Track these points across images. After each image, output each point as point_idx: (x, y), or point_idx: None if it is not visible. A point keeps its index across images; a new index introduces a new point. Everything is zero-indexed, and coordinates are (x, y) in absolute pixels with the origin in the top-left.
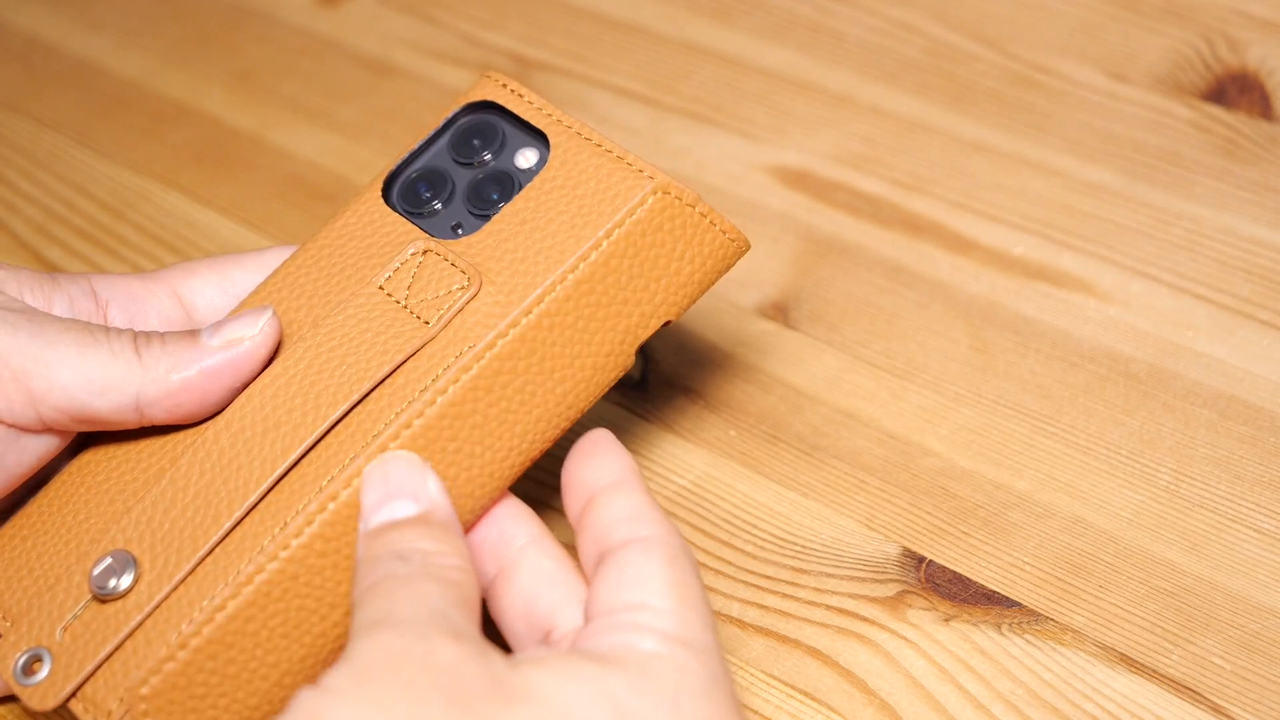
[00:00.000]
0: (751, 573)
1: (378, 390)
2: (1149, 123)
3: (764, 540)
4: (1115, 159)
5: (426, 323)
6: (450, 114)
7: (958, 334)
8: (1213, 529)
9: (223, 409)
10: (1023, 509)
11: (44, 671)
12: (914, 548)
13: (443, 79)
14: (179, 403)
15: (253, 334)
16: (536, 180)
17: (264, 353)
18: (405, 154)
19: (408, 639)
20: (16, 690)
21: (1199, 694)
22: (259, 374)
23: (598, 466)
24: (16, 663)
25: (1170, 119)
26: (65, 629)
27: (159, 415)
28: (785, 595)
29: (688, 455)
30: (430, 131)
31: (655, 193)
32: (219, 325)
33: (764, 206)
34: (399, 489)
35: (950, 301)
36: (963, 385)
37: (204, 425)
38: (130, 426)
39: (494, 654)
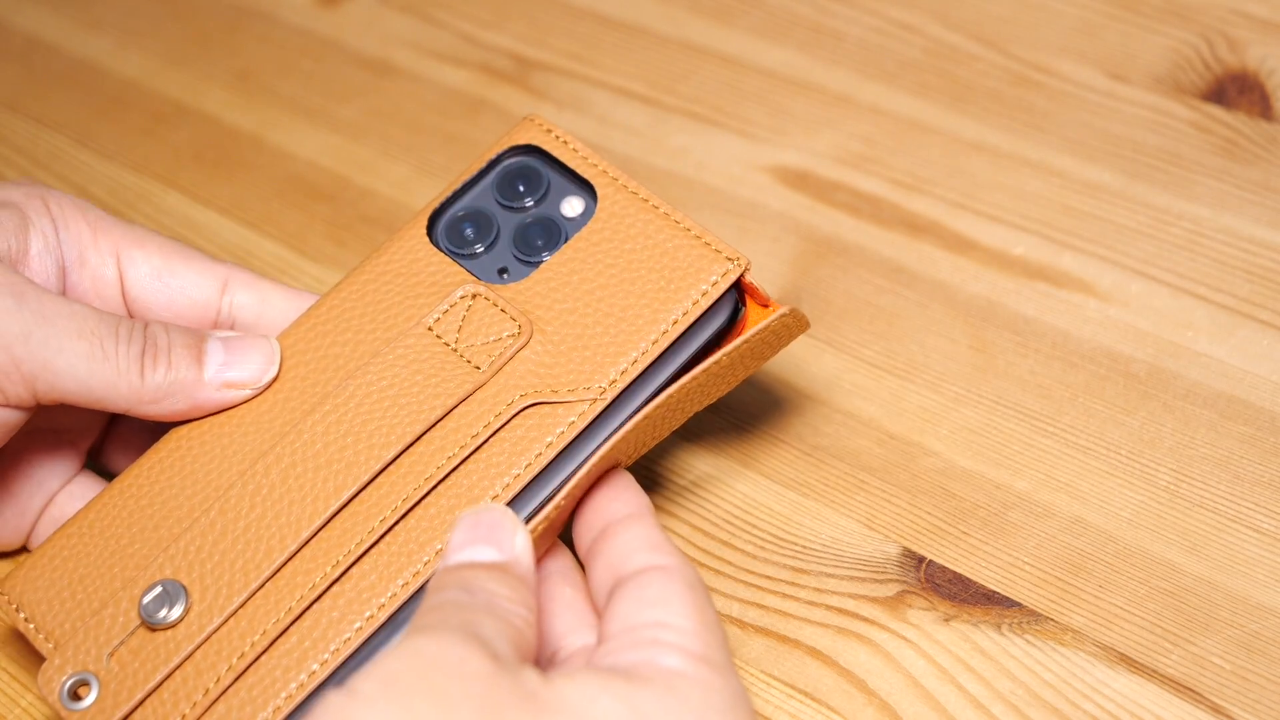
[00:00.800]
0: (751, 573)
1: (429, 433)
2: (1149, 123)
3: (764, 540)
4: (1115, 159)
5: (478, 368)
6: (494, 155)
7: (958, 334)
8: (1213, 529)
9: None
10: (1023, 509)
11: (91, 697)
12: (914, 548)
13: (443, 79)
14: (164, 419)
15: (255, 384)
16: (585, 231)
17: (254, 398)
18: (449, 192)
19: (442, 646)
20: (63, 714)
21: (1199, 694)
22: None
23: (613, 499)
24: (63, 686)
25: (1170, 119)
26: (112, 655)
27: (143, 419)
28: (785, 595)
29: (688, 455)
30: (473, 171)
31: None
32: (228, 357)
33: (764, 206)
34: (486, 536)
35: (950, 301)
36: (963, 385)
37: (254, 456)
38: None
39: (527, 670)
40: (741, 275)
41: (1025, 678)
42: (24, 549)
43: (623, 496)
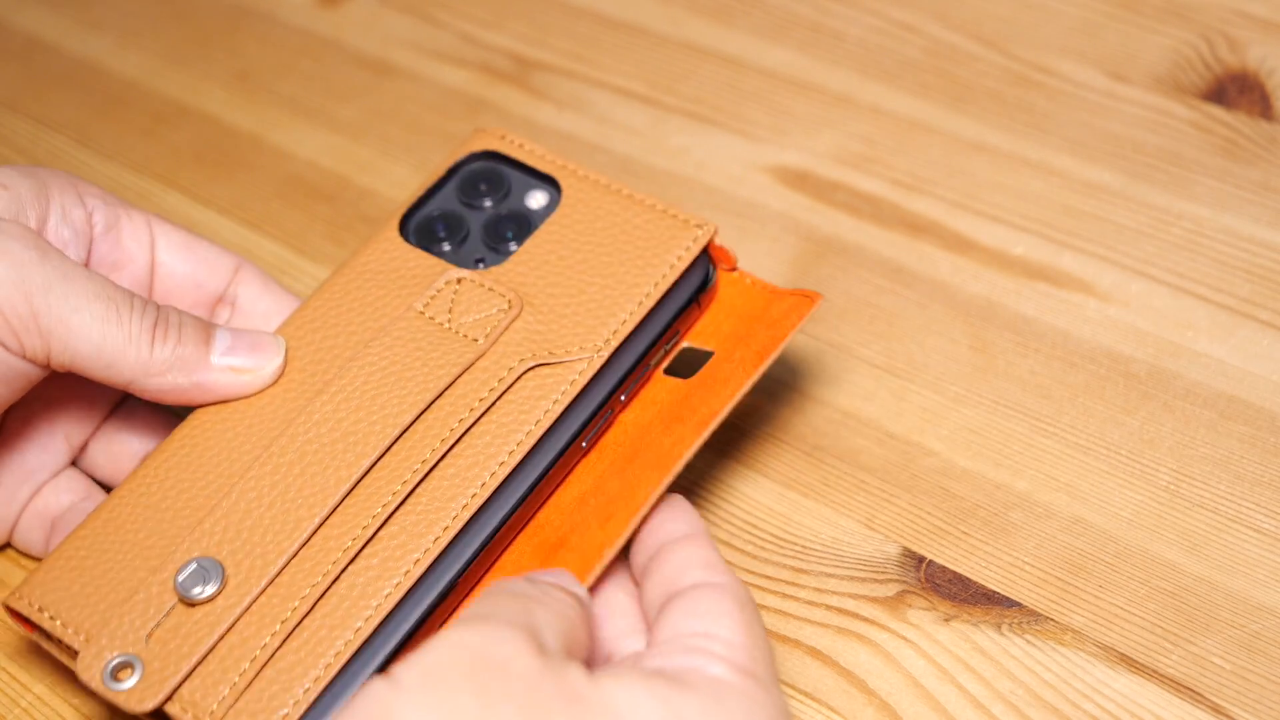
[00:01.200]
0: (751, 573)
1: (438, 401)
2: (1149, 123)
3: (764, 540)
4: (1115, 159)
5: (475, 340)
6: (451, 163)
7: (958, 334)
8: (1213, 529)
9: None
10: (1023, 509)
11: (135, 676)
12: (914, 548)
13: (443, 79)
14: (164, 397)
15: (259, 371)
16: (555, 217)
17: (258, 388)
18: (413, 200)
19: (490, 639)
20: (109, 696)
21: (1199, 694)
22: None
23: (671, 520)
24: (106, 669)
25: (1170, 119)
26: (150, 635)
27: (144, 395)
28: (785, 595)
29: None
30: (434, 180)
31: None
32: (234, 343)
33: (764, 206)
34: (564, 576)
35: (950, 301)
36: (963, 385)
37: (266, 441)
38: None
39: (573, 667)
40: (710, 240)
41: (1025, 678)
42: (7, 546)
43: (679, 518)
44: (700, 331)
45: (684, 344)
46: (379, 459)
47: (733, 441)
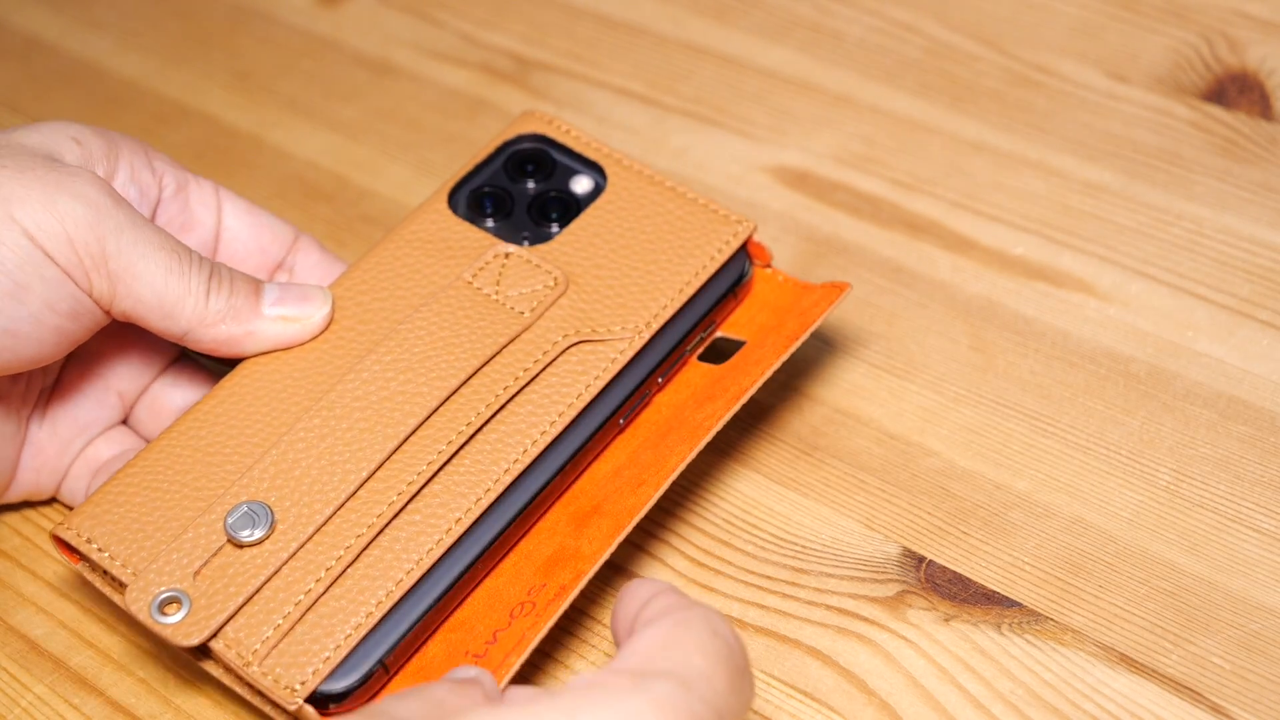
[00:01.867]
0: (751, 573)
1: (484, 368)
2: (1149, 123)
3: (764, 540)
4: (1115, 159)
5: (521, 313)
6: (500, 142)
7: (958, 334)
8: (1213, 529)
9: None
10: (1023, 509)
11: (183, 611)
12: (914, 548)
13: (443, 79)
14: (217, 348)
15: (308, 320)
16: (600, 202)
17: (306, 338)
18: (462, 174)
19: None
20: (156, 629)
21: (1199, 694)
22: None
23: (641, 587)
24: (154, 602)
25: (1170, 119)
26: (198, 573)
27: (197, 347)
28: (785, 595)
29: None
30: (483, 157)
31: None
32: (283, 295)
33: (764, 206)
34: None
35: (950, 301)
36: (963, 385)
37: (315, 395)
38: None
39: None
40: (749, 236)
41: (1025, 678)
42: (53, 500)
43: (648, 585)
44: (734, 322)
45: (719, 333)
46: (425, 419)
47: (733, 442)
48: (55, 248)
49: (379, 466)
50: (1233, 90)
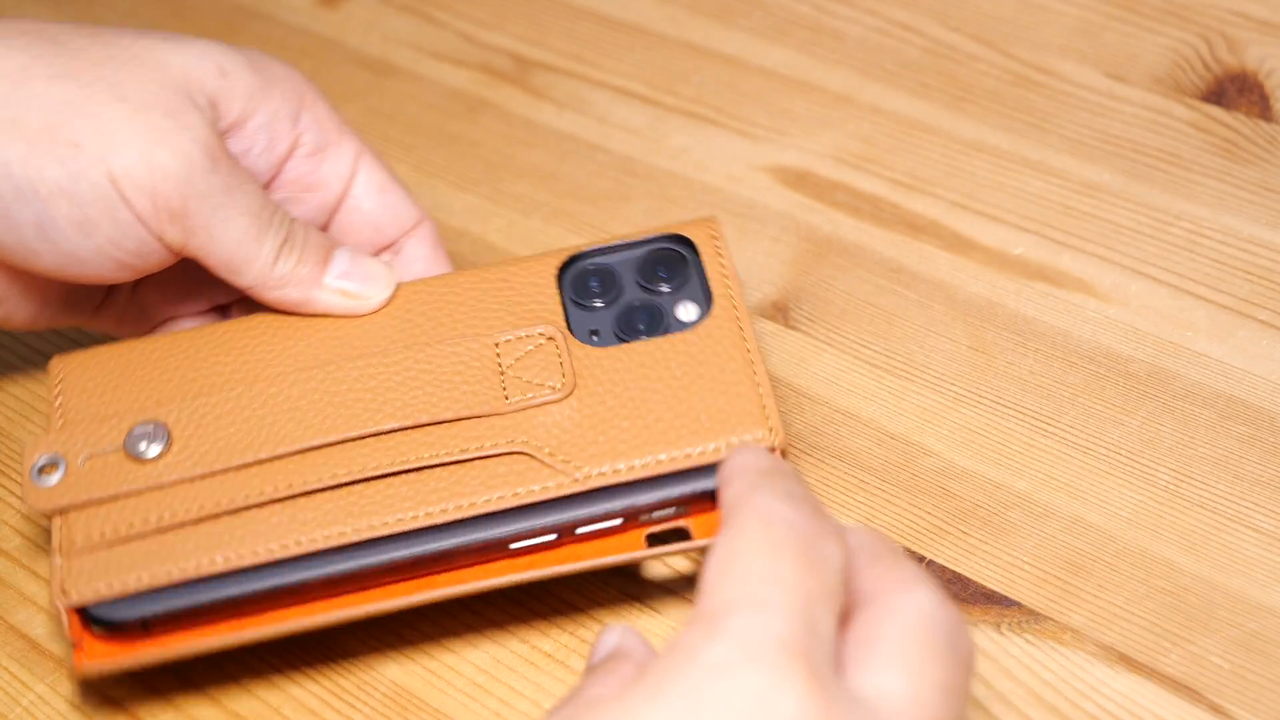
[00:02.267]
0: None
1: (430, 426)
2: (1149, 123)
3: None
4: (1115, 159)
5: (506, 398)
6: (657, 233)
7: (958, 334)
8: (1212, 529)
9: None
10: (1022, 509)
11: (54, 479)
12: (914, 548)
13: (443, 79)
14: (277, 307)
15: (366, 300)
16: (677, 336)
17: (363, 314)
18: (600, 244)
19: (765, 690)
20: (23, 483)
21: (1198, 693)
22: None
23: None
24: (39, 460)
25: (1170, 119)
26: (89, 459)
27: (257, 300)
28: None
29: None
30: (632, 238)
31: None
32: (350, 269)
33: (764, 206)
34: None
35: (950, 301)
36: (963, 385)
37: (292, 368)
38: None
39: (845, 693)
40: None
41: (1025, 677)
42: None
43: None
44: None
45: (684, 526)
46: (354, 439)
47: None
48: (135, 196)
49: (279, 457)
50: (1232, 90)
